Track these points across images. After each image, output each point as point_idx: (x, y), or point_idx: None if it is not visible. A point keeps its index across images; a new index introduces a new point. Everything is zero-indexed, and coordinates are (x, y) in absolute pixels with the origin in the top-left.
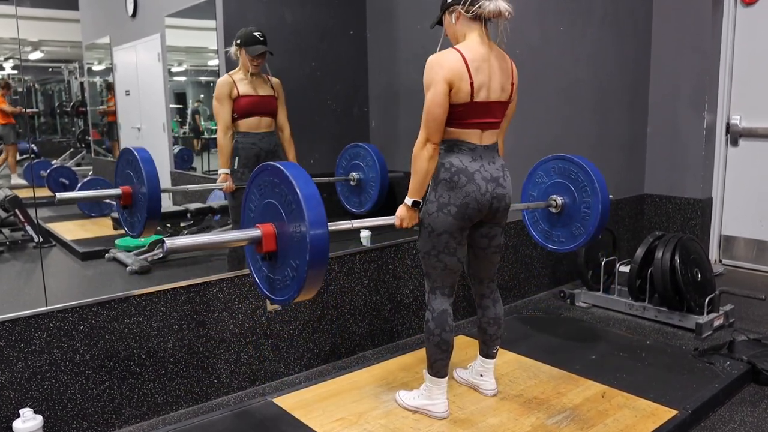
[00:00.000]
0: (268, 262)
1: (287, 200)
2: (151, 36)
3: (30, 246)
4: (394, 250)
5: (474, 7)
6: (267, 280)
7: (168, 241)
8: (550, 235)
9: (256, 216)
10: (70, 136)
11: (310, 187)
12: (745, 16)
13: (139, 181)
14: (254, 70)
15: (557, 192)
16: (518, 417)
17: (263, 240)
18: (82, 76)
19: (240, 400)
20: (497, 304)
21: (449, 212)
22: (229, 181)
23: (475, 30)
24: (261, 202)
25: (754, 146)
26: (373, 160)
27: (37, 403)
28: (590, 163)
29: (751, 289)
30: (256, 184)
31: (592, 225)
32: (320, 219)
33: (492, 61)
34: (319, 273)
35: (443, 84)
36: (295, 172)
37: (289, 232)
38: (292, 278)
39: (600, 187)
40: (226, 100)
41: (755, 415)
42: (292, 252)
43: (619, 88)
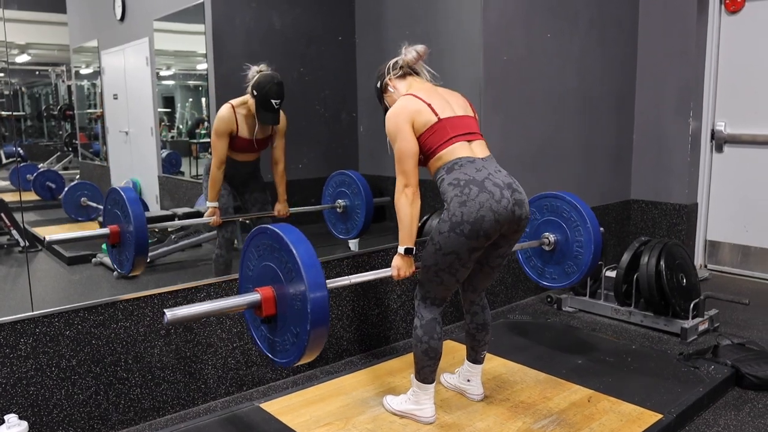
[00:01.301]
0: (268, 325)
1: (287, 266)
2: (139, 40)
3: (16, 250)
4: (382, 255)
5: (398, 67)
6: (267, 340)
7: (169, 312)
8: (543, 271)
9: (254, 276)
10: (57, 140)
11: (310, 255)
12: (730, 23)
13: (126, 221)
14: (260, 134)
15: (549, 229)
16: (505, 421)
17: (263, 304)
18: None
19: (227, 405)
20: (486, 311)
21: (462, 232)
22: (216, 215)
23: (411, 81)
24: (259, 264)
25: (738, 152)
26: (359, 188)
27: (22, 408)
28: (582, 201)
29: (735, 294)
30: (254, 244)
31: (585, 264)
32: (319, 283)
33: (441, 92)
34: (320, 338)
35: (406, 125)
36: (293, 237)
37: (288, 297)
38: (292, 343)
39: (592, 227)
40: (224, 137)
41: (739, 418)
42: (292, 318)
43: (605, 95)
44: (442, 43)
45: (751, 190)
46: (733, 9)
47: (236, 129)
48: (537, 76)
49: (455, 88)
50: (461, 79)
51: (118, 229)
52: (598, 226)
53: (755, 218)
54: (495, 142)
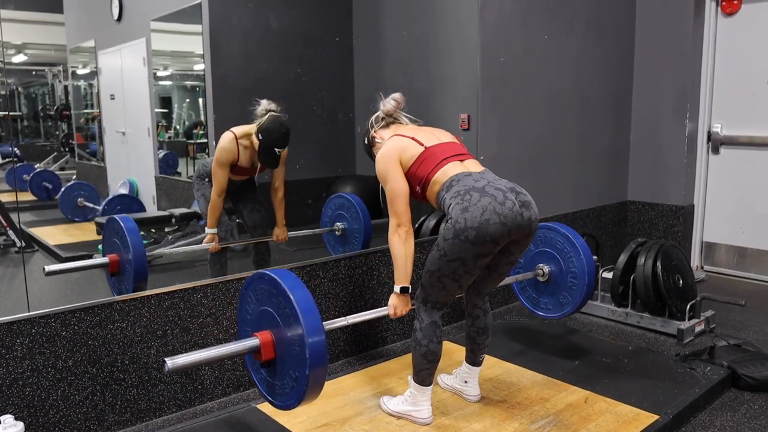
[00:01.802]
0: (267, 368)
1: (284, 311)
2: (136, 40)
3: (12, 251)
4: (379, 255)
5: (380, 120)
6: (266, 383)
7: (169, 361)
8: (538, 302)
9: (253, 320)
10: (53, 140)
11: (306, 297)
12: (726, 25)
13: (126, 251)
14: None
15: (544, 260)
16: (502, 422)
17: (262, 349)
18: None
19: (224, 406)
20: (488, 315)
21: (467, 238)
22: (215, 241)
23: (395, 128)
24: (257, 308)
25: (735, 154)
26: (357, 211)
27: (18, 409)
28: (575, 232)
29: (731, 295)
30: (252, 288)
31: (579, 295)
32: (317, 327)
33: (425, 128)
34: (319, 380)
35: (395, 164)
36: (290, 283)
37: (286, 341)
38: (292, 387)
39: (586, 258)
40: (226, 167)
41: (735, 419)
42: (291, 362)
43: (602, 96)
44: (439, 43)
45: (748, 192)
46: (730, 11)
47: (237, 159)
48: (534, 76)
49: (452, 88)
50: (458, 79)
51: (118, 258)
52: (591, 257)
53: (751, 220)
54: (492, 143)
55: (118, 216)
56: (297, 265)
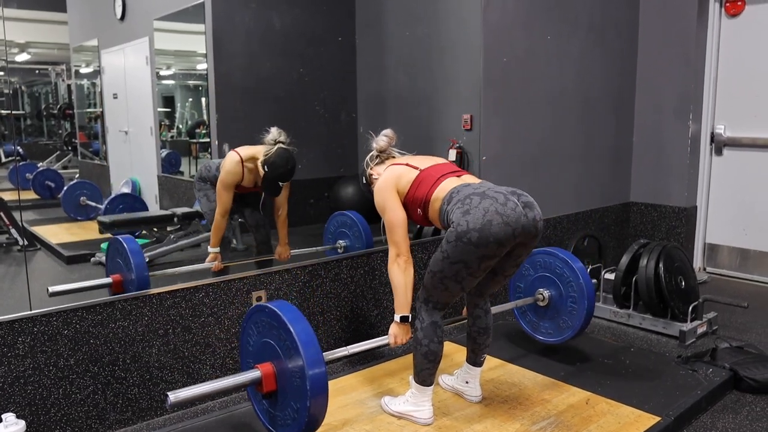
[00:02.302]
0: (269, 400)
1: (285, 344)
2: (139, 39)
3: (15, 249)
4: (381, 256)
5: (375, 158)
6: (268, 413)
7: (171, 395)
8: (538, 326)
9: (254, 351)
10: (56, 139)
11: (306, 330)
12: (730, 27)
13: (129, 271)
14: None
15: (544, 285)
16: (503, 423)
17: (263, 381)
18: (69, 79)
19: (225, 405)
20: (488, 315)
21: (470, 240)
22: (218, 260)
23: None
24: (259, 340)
25: (738, 156)
26: (359, 230)
27: (19, 407)
28: (573, 256)
29: (734, 297)
30: (253, 320)
31: (579, 321)
32: (317, 360)
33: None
34: (320, 412)
35: (392, 193)
36: (290, 316)
37: (287, 373)
38: (293, 419)
39: (585, 283)
40: (231, 189)
41: (737, 422)
42: (292, 393)
43: (605, 97)
44: (442, 43)
45: (751, 194)
46: (734, 12)
47: (241, 180)
48: (537, 77)
49: (455, 89)
50: (461, 80)
51: (121, 278)
52: (590, 281)
53: (754, 221)
54: (494, 143)
55: (122, 237)
56: (299, 265)
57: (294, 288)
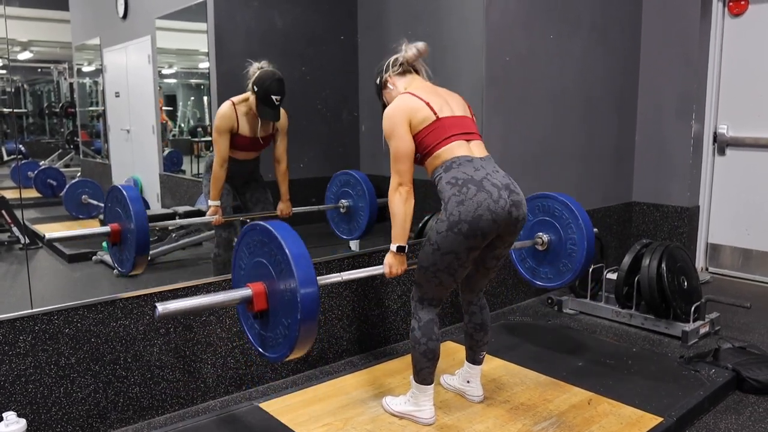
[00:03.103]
0: (260, 320)
1: (276, 260)
2: (141, 38)
3: (16, 247)
4: (382, 256)
5: (398, 64)
6: (259, 336)
7: (160, 306)
8: (537, 272)
9: (246, 273)
10: (58, 137)
11: (299, 246)
12: (733, 26)
13: (128, 219)
14: (262, 132)
15: (543, 230)
16: (504, 423)
17: (254, 299)
18: (71, 77)
19: (226, 404)
20: (484, 311)
21: (460, 231)
22: (219, 213)
23: (411, 79)
24: (251, 261)
25: (740, 155)
26: (363, 189)
27: (20, 406)
28: (573, 200)
29: (736, 297)
30: (245, 242)
31: (579, 261)
32: (310, 278)
33: (440, 92)
34: (310, 331)
35: (403, 124)
36: (283, 233)
37: (279, 291)
38: (284, 336)
39: (585, 224)
40: (226, 134)
41: (739, 422)
42: (283, 311)
43: (607, 97)
44: (444, 42)
45: (753, 194)
46: (737, 12)
47: (237, 126)
48: (539, 76)
49: (457, 87)
50: (463, 78)
51: (119, 227)
52: (590, 223)
53: (757, 221)
54: (496, 142)
55: (121, 185)
56: None
57: None
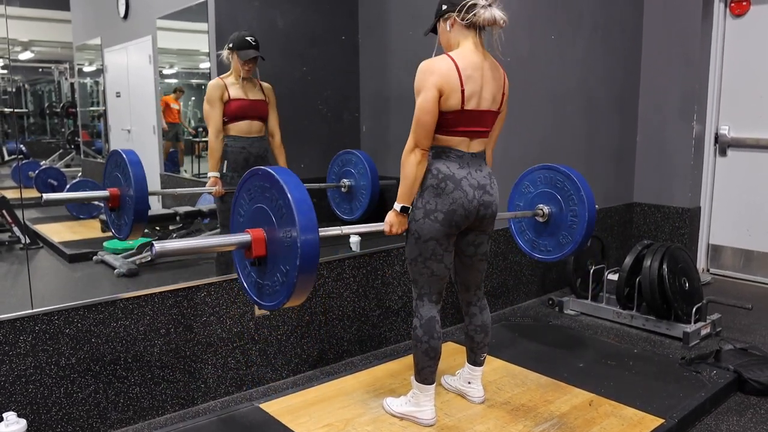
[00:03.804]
0: (257, 267)
1: (278, 205)
2: (142, 38)
3: (17, 247)
4: (383, 255)
5: (470, 14)
6: (255, 285)
7: (157, 244)
8: (537, 244)
9: (246, 221)
10: (59, 137)
11: (301, 191)
12: (735, 27)
13: (127, 184)
14: (245, 74)
15: (544, 201)
16: (505, 424)
17: (253, 245)
18: (72, 77)
19: (227, 405)
20: (484, 312)
21: (436, 219)
22: (218, 185)
23: (469, 38)
24: (251, 207)
25: (742, 156)
26: (365, 168)
27: (21, 406)
28: (576, 172)
29: (738, 298)
30: (245, 188)
31: (579, 233)
32: (311, 224)
33: (485, 71)
34: (309, 278)
35: (434, 90)
36: (286, 177)
37: (279, 237)
38: (281, 283)
39: (587, 196)
40: (217, 103)
41: (741, 424)
42: (282, 257)
43: (608, 97)
44: None
45: (755, 194)
46: (738, 12)
47: (228, 93)
48: (540, 77)
49: None
50: None
51: (119, 192)
52: (592, 195)
53: (758, 222)
54: (497, 144)
55: (121, 149)
56: None
57: None
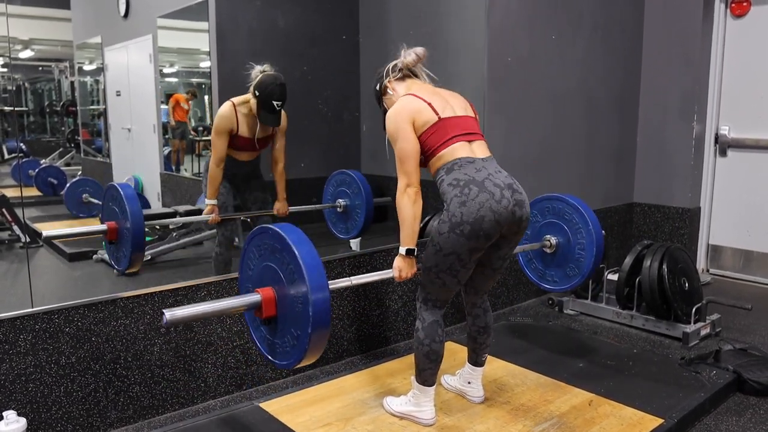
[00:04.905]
0: (268, 326)
1: (288, 268)
2: (143, 37)
3: (17, 246)
4: (383, 255)
5: (397, 70)
6: (266, 341)
7: (168, 313)
8: (544, 274)
9: (255, 276)
10: (59, 136)
11: (311, 253)
12: (735, 27)
13: (124, 217)
14: (261, 134)
15: (551, 232)
16: (505, 424)
17: (263, 305)
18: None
19: (226, 404)
20: (488, 313)
21: (462, 232)
22: (215, 212)
23: (410, 83)
24: (260, 264)
25: (742, 157)
26: (359, 188)
27: (21, 405)
28: (584, 204)
29: (737, 298)
30: (254, 244)
31: (587, 267)
32: (322, 284)
33: (443, 93)
34: (321, 340)
35: (407, 123)
36: (295, 238)
37: (289, 298)
38: (293, 346)
39: (595, 230)
40: (225, 135)
41: (740, 424)
42: (293, 320)
43: (608, 97)
44: (445, 43)
45: (755, 195)
46: (739, 13)
47: (236, 128)
48: (540, 77)
49: (458, 88)
50: (465, 79)
51: (116, 225)
52: (600, 228)
53: (758, 223)
54: (497, 143)
55: (117, 183)
56: None
57: None
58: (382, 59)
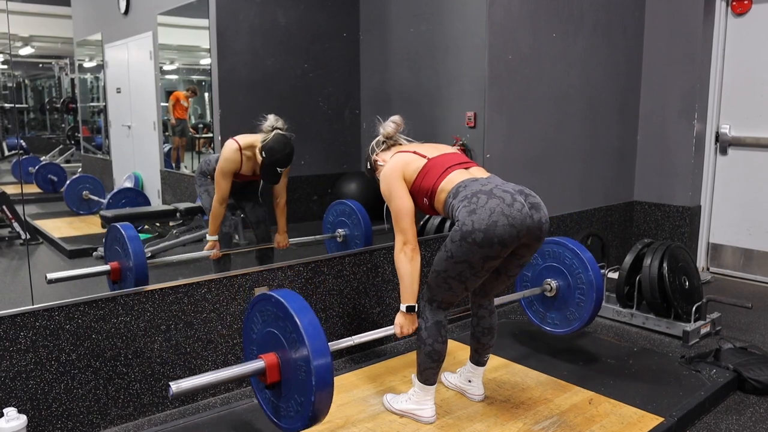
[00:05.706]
0: (272, 390)
1: (291, 336)
2: (143, 34)
3: (17, 243)
4: (384, 253)
5: (381, 143)
6: (271, 404)
7: (173, 385)
8: (545, 317)
9: (258, 340)
10: (59, 133)
11: (312, 321)
12: (736, 26)
13: (126, 258)
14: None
15: (551, 275)
16: (505, 422)
17: (267, 372)
18: (72, 73)
19: (227, 401)
20: (493, 315)
21: (474, 241)
22: (216, 248)
23: (395, 150)
24: (263, 329)
25: (742, 155)
26: (358, 218)
27: (21, 402)
28: (583, 247)
29: (737, 297)
30: (258, 308)
31: (587, 312)
32: (322, 351)
33: (427, 144)
34: (324, 406)
35: (398, 181)
36: (296, 305)
37: (292, 364)
38: (297, 411)
39: (594, 276)
40: (229, 177)
41: (740, 423)
42: (296, 386)
43: (610, 96)
44: (446, 41)
45: (755, 194)
46: (740, 11)
47: (240, 168)
48: (541, 76)
49: (459, 86)
50: (465, 77)
51: (119, 265)
52: (599, 273)
53: (758, 221)
54: (498, 141)
55: (120, 224)
56: (302, 262)
57: (296, 284)
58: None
